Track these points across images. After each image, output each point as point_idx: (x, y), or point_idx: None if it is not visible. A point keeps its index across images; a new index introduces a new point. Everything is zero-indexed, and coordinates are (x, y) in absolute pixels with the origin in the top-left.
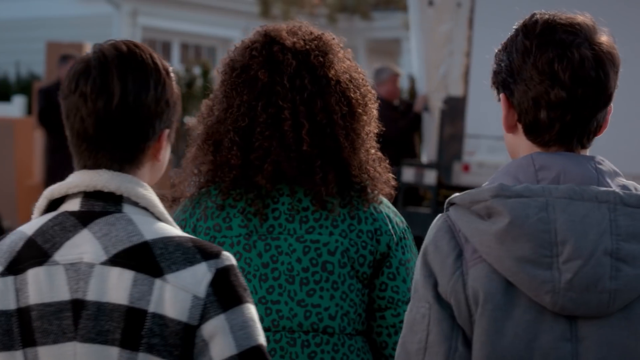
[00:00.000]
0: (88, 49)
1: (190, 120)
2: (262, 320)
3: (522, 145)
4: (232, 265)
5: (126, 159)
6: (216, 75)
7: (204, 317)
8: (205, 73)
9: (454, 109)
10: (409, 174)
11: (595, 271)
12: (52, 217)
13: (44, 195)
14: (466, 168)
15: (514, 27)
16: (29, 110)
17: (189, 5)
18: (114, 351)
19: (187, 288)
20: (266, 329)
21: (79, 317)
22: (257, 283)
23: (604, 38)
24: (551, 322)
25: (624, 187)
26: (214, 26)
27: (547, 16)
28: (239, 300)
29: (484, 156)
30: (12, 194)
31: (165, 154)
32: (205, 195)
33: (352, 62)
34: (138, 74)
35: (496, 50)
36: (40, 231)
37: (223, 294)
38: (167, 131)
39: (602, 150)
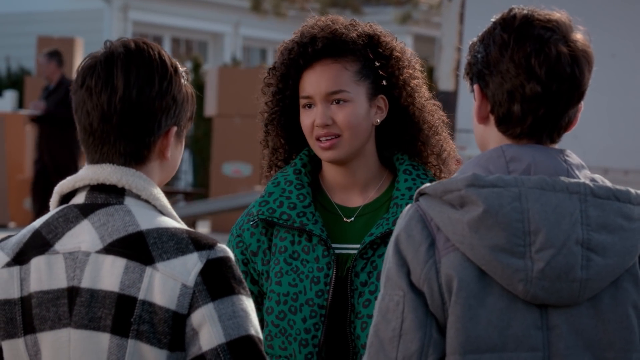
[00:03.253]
0: (79, 43)
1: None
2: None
3: (493, 137)
4: (225, 257)
5: (131, 153)
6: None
7: (192, 306)
8: (197, 68)
9: (445, 104)
10: None
11: (567, 261)
12: (59, 209)
13: (55, 191)
14: (457, 162)
15: (492, 20)
16: (20, 105)
17: (179, 0)
18: (105, 337)
19: (176, 276)
20: None
21: (74, 304)
22: None
23: (579, 36)
24: (523, 311)
25: (592, 179)
26: (205, 21)
27: (525, 11)
28: (229, 291)
29: (475, 151)
30: (4, 188)
31: (175, 152)
32: None
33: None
34: (143, 69)
35: (471, 42)
36: (46, 223)
37: (213, 284)
38: (174, 128)
39: (596, 145)
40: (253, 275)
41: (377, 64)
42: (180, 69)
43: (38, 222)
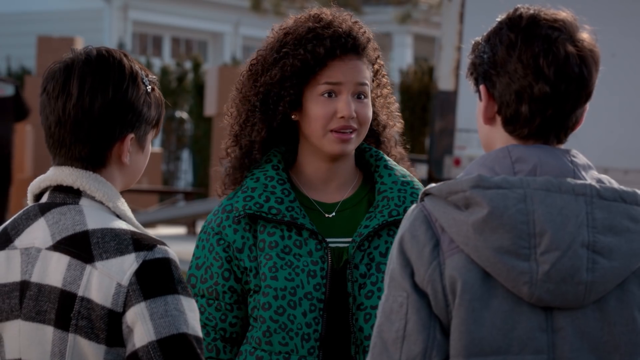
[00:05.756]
0: (79, 43)
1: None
2: None
3: (499, 137)
4: (163, 258)
5: (87, 157)
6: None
7: (127, 305)
8: (196, 67)
9: (445, 103)
10: None
11: (573, 263)
12: (26, 208)
13: (28, 190)
14: (457, 162)
15: (497, 19)
16: None
17: (179, 0)
18: (49, 330)
19: (112, 275)
20: None
21: (24, 297)
22: None
23: (585, 35)
24: (528, 313)
25: (598, 180)
26: (205, 20)
27: (531, 11)
28: (163, 291)
29: (475, 150)
30: None
31: (137, 157)
32: None
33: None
34: (98, 77)
35: (473, 42)
36: (13, 220)
37: (146, 284)
38: (130, 135)
39: (595, 144)
40: (237, 272)
41: (375, 66)
42: (142, 77)
43: (10, 220)
